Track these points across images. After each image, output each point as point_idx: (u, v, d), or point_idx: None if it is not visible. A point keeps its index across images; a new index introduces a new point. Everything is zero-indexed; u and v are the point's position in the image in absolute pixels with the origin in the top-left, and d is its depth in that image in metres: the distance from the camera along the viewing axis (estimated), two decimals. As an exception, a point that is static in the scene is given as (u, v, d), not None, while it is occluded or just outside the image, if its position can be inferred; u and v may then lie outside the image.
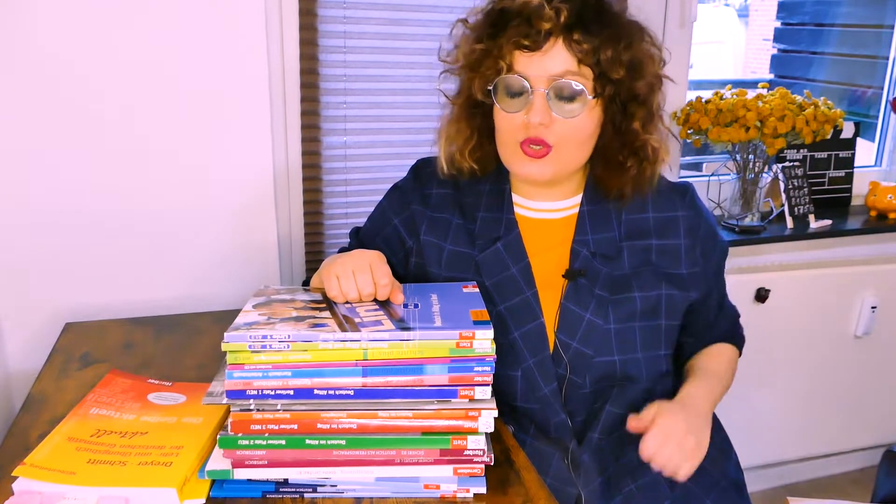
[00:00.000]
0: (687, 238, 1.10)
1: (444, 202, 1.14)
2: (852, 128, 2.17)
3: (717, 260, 1.15)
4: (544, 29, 0.96)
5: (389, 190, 1.22)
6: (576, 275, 1.06)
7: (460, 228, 1.12)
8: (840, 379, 2.12)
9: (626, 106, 1.02)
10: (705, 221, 1.12)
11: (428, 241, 1.13)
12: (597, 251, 1.07)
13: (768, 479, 2.17)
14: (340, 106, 1.63)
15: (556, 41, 0.97)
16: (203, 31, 1.42)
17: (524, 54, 0.98)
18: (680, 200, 1.11)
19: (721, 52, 5.56)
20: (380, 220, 1.20)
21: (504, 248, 1.09)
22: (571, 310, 1.05)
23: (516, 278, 1.08)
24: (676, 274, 1.09)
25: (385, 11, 1.59)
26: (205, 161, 1.49)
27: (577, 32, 0.96)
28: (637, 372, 1.06)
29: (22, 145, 1.37)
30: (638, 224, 1.10)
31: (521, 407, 1.07)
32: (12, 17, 1.31)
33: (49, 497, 0.81)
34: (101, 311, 1.45)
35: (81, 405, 0.98)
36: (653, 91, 1.03)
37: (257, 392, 0.83)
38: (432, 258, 1.13)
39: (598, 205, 1.10)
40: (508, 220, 1.10)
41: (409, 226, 1.15)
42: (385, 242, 1.17)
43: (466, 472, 0.86)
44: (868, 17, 2.64)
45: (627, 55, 0.98)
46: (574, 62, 0.97)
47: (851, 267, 2.04)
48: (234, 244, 1.56)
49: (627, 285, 1.06)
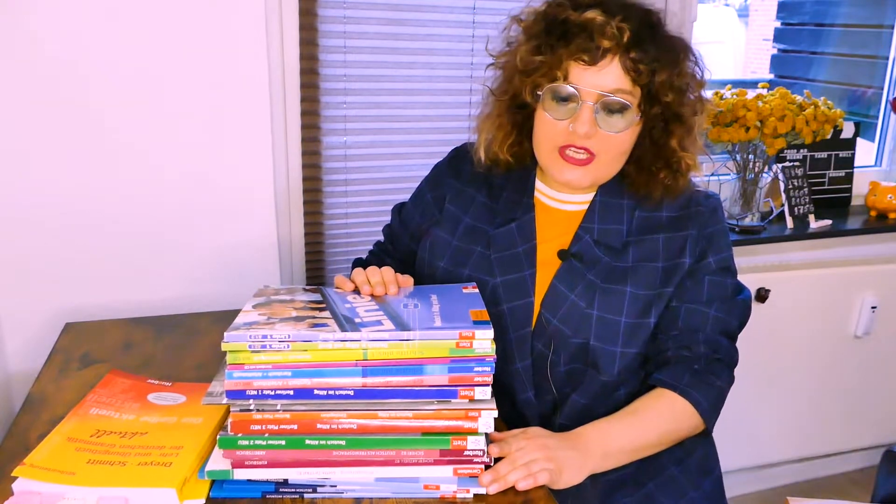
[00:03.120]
0: (694, 230, 1.08)
1: (475, 179, 1.19)
2: (852, 128, 2.17)
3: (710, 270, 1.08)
4: (605, 46, 0.98)
5: (432, 168, 1.27)
6: (568, 255, 1.08)
7: (483, 206, 1.17)
8: (840, 379, 2.12)
9: (668, 123, 1.04)
10: (720, 228, 1.10)
11: (449, 211, 1.18)
12: (600, 239, 1.09)
13: (768, 479, 2.17)
14: (340, 106, 1.63)
15: (612, 58, 0.99)
16: (203, 31, 1.42)
17: (580, 66, 1.00)
18: (699, 200, 1.10)
19: (721, 52, 5.56)
20: (418, 197, 1.27)
21: (517, 227, 1.12)
22: (559, 289, 1.07)
23: (520, 256, 1.11)
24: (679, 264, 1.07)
25: (385, 11, 1.59)
26: (205, 161, 1.49)
27: (635, 52, 0.98)
28: (608, 363, 1.05)
29: (22, 146, 1.37)
30: (650, 221, 1.10)
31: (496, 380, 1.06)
32: (13, 18, 1.31)
33: (49, 497, 0.81)
34: (101, 311, 1.45)
35: (81, 405, 0.98)
36: (696, 113, 1.05)
37: (257, 392, 0.83)
38: (449, 226, 1.17)
39: (612, 198, 1.11)
40: (527, 204, 1.14)
41: (440, 200, 1.20)
42: (421, 215, 1.24)
43: (466, 472, 0.86)
44: (868, 17, 2.64)
45: (679, 80, 1.01)
46: (628, 81, 0.99)
47: (851, 267, 2.04)
48: (234, 244, 1.56)
49: (623, 278, 1.06)
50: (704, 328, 1.07)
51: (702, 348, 1.05)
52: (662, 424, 1.02)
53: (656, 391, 1.04)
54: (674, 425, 1.03)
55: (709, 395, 1.03)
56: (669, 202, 1.10)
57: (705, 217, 1.09)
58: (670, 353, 1.06)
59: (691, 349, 1.05)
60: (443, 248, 1.16)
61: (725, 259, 1.10)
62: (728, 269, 1.11)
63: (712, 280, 1.08)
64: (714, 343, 1.06)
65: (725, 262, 1.10)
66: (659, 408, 1.03)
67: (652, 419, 1.02)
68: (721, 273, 1.09)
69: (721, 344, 1.07)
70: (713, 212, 1.10)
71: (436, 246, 1.17)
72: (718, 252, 1.09)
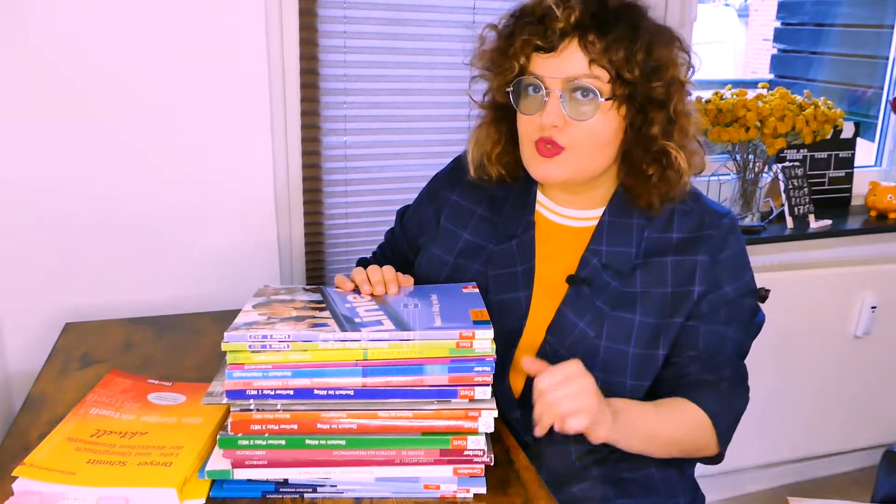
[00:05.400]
0: (705, 255, 1.02)
1: (475, 192, 1.15)
2: (852, 128, 2.17)
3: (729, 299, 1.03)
4: (558, 28, 0.95)
5: (432, 178, 1.25)
6: (578, 281, 1.05)
7: (483, 220, 1.14)
8: (840, 379, 2.12)
9: (647, 111, 0.98)
10: (734, 251, 1.04)
11: (446, 228, 1.16)
12: (609, 263, 1.04)
13: (768, 479, 2.17)
14: (340, 106, 1.63)
15: (570, 42, 0.95)
16: (203, 31, 1.42)
17: (540, 56, 0.97)
18: (711, 222, 1.04)
19: (721, 52, 5.56)
20: (419, 206, 1.24)
21: (517, 246, 1.09)
22: (567, 316, 1.04)
23: (517, 277, 1.08)
24: (688, 292, 1.02)
25: (385, 11, 1.59)
26: (205, 161, 1.49)
27: (592, 33, 0.95)
28: (620, 394, 1.00)
29: (22, 146, 1.37)
30: (660, 243, 1.04)
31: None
32: (13, 18, 1.31)
33: (49, 497, 0.81)
34: (101, 311, 1.45)
35: (81, 405, 0.98)
36: (672, 95, 0.98)
37: (257, 392, 0.83)
38: (446, 244, 1.14)
39: (621, 218, 1.06)
40: (527, 221, 1.10)
41: (437, 213, 1.18)
42: (419, 226, 1.22)
43: (466, 472, 0.86)
44: (868, 17, 2.65)
45: (643, 55, 0.95)
46: (591, 64, 0.95)
47: (851, 267, 2.04)
48: (234, 244, 1.56)
49: (632, 305, 1.02)
50: (724, 350, 1.04)
51: (726, 371, 1.03)
52: (681, 428, 1.01)
53: (682, 399, 1.01)
54: (691, 435, 1.01)
55: (728, 416, 1.02)
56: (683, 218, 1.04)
57: (717, 242, 1.03)
58: (693, 377, 1.02)
59: (717, 373, 1.03)
60: (439, 267, 1.13)
61: (745, 284, 1.05)
62: (748, 292, 1.06)
63: (731, 306, 1.04)
64: (735, 366, 1.05)
65: (745, 287, 1.05)
66: (683, 413, 1.00)
67: (675, 419, 1.00)
68: (740, 298, 1.05)
69: (740, 366, 1.06)
70: (726, 235, 1.04)
71: (432, 264, 1.14)
72: (736, 278, 1.04)
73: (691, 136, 1.02)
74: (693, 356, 1.03)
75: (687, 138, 1.01)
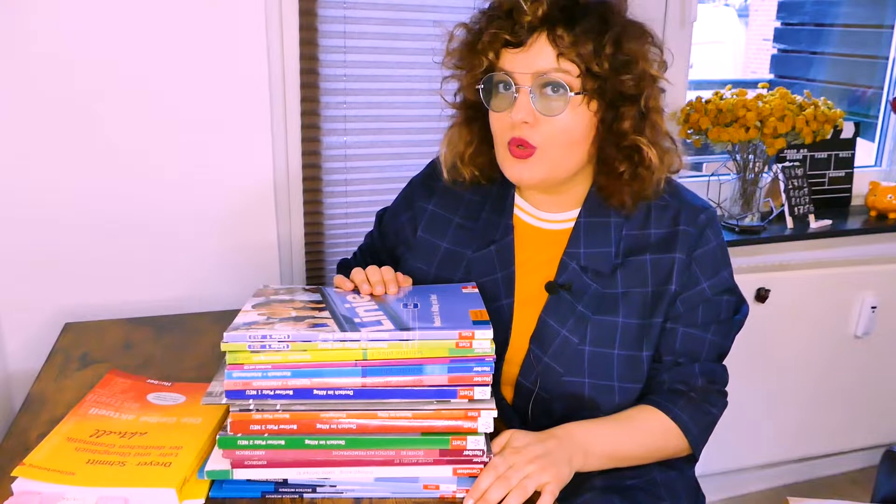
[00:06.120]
0: (682, 253, 1.02)
1: (451, 200, 1.14)
2: (852, 128, 2.17)
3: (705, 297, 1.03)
4: (526, 22, 0.94)
5: (407, 183, 1.23)
6: (557, 288, 1.04)
7: (461, 228, 1.12)
8: (840, 379, 2.12)
9: (618, 106, 0.97)
10: (711, 248, 1.03)
11: (423, 239, 1.14)
12: (588, 265, 1.04)
13: (768, 479, 2.17)
14: (340, 106, 1.63)
15: (539, 36, 0.94)
16: (203, 31, 1.42)
17: (509, 51, 0.97)
18: (687, 218, 1.03)
19: (721, 52, 5.56)
20: (394, 213, 1.23)
21: (496, 252, 1.08)
22: (549, 324, 1.03)
23: (498, 284, 1.07)
24: (666, 291, 1.02)
25: (385, 11, 1.59)
26: (205, 161, 1.49)
27: (560, 27, 0.94)
28: (608, 399, 1.01)
29: (22, 146, 1.37)
30: (638, 240, 1.04)
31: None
32: (13, 18, 1.31)
33: (48, 497, 0.81)
34: (101, 311, 1.45)
35: (81, 405, 0.98)
36: (642, 89, 0.97)
37: (257, 392, 0.83)
38: (425, 256, 1.13)
39: (597, 217, 1.05)
40: (506, 225, 1.09)
41: (413, 222, 1.17)
42: (395, 234, 1.21)
43: (466, 472, 0.85)
44: (868, 17, 2.64)
45: (612, 49, 0.94)
46: (560, 58, 0.94)
47: (851, 267, 2.04)
48: (234, 244, 1.56)
49: (614, 307, 1.02)
50: (701, 355, 1.04)
51: (699, 381, 1.03)
52: (649, 441, 1.01)
53: (650, 408, 1.02)
54: (661, 443, 1.02)
55: (700, 422, 1.03)
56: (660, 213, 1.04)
57: (692, 239, 1.02)
58: (666, 386, 1.03)
59: (688, 383, 1.03)
60: (420, 281, 1.09)
61: (722, 281, 1.04)
62: (726, 289, 1.05)
63: (709, 305, 1.04)
64: (710, 373, 1.05)
65: (722, 283, 1.05)
66: (650, 424, 1.01)
67: (641, 433, 1.01)
68: (718, 295, 1.05)
69: (716, 371, 1.06)
70: (702, 231, 1.03)
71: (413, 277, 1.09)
72: (713, 275, 1.04)
73: (664, 132, 1.02)
74: (669, 362, 1.04)
75: (659, 135, 1.01)
